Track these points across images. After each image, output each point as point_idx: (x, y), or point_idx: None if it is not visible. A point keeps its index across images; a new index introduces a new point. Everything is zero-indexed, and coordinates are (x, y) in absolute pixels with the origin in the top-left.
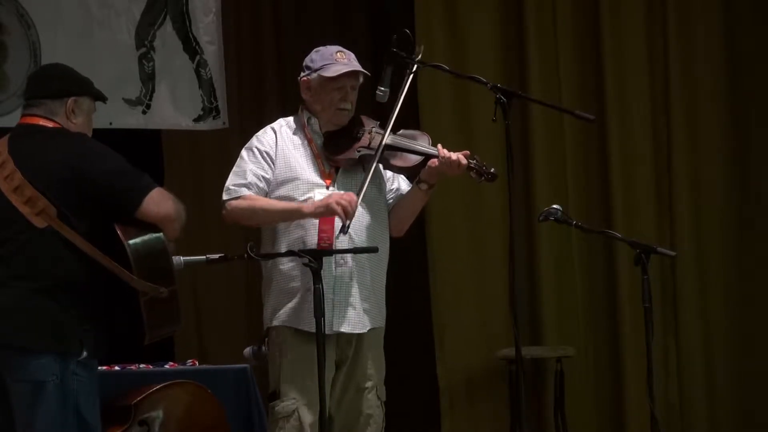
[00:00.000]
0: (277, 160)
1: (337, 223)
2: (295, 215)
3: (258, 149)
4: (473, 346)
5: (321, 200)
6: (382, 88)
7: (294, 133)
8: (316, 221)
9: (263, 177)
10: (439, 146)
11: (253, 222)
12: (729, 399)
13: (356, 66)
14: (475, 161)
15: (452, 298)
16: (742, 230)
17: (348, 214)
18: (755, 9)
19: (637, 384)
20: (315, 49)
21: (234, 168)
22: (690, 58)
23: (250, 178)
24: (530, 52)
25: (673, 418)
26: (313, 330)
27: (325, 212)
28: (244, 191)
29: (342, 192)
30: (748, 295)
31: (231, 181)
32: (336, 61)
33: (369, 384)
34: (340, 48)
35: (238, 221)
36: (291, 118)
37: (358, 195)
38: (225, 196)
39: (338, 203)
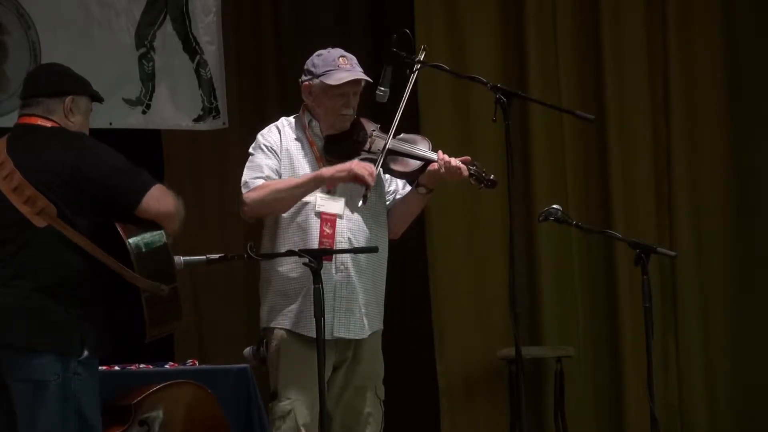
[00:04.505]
0: (282, 158)
1: (339, 227)
2: (315, 184)
3: (266, 146)
4: (473, 346)
5: (340, 165)
6: (383, 89)
7: (296, 135)
8: (317, 225)
9: (277, 170)
10: (440, 152)
11: (277, 207)
12: (729, 399)
13: (359, 74)
14: (475, 167)
15: (452, 298)
16: (742, 230)
17: (370, 181)
18: (755, 9)
19: (637, 384)
20: (317, 53)
21: (247, 164)
22: (690, 58)
23: (267, 171)
24: (530, 52)
25: (673, 418)
26: (312, 335)
27: (346, 177)
28: (261, 182)
29: (358, 161)
30: (748, 295)
31: (247, 175)
32: (338, 67)
33: (368, 383)
34: (343, 52)
35: (259, 212)
36: (293, 119)
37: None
38: (244, 190)
39: (362, 169)
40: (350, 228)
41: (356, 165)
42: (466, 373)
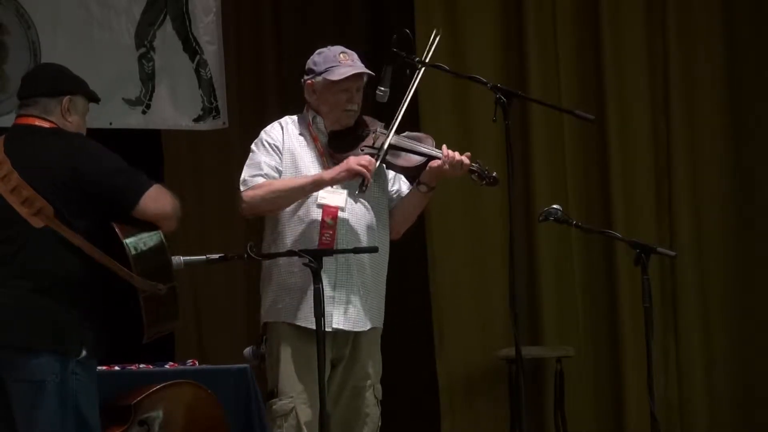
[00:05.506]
0: (284, 156)
1: (339, 225)
2: (317, 186)
3: (268, 142)
4: (473, 346)
5: (338, 166)
6: (382, 88)
7: (299, 132)
8: (319, 220)
9: (276, 168)
10: (444, 147)
11: (275, 206)
12: (729, 399)
13: (361, 67)
14: (477, 164)
15: (452, 298)
16: (742, 230)
17: (369, 173)
18: (755, 9)
19: (637, 384)
20: (317, 51)
21: (247, 162)
22: (690, 58)
23: (266, 170)
24: (530, 52)
25: (673, 418)
26: (312, 326)
27: (346, 176)
28: (260, 180)
29: (354, 156)
30: (748, 295)
31: (247, 173)
32: (340, 63)
33: (366, 383)
34: (343, 49)
35: (258, 209)
36: (296, 117)
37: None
38: (242, 188)
39: (358, 164)
40: (352, 221)
41: (353, 160)
42: (466, 373)
